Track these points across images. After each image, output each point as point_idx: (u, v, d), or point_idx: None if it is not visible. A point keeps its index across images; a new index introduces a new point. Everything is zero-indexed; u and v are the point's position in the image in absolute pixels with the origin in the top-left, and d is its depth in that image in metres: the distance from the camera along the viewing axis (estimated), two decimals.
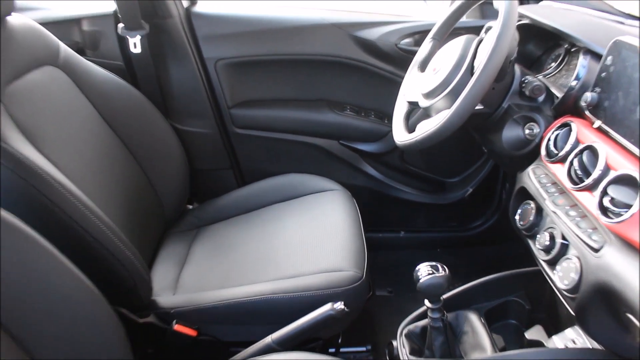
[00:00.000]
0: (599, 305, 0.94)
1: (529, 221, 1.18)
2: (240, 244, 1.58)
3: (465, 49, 1.23)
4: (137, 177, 1.58)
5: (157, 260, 1.60)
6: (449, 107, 1.14)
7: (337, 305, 1.20)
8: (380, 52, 1.87)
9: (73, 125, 1.38)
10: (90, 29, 1.81)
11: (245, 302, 1.32)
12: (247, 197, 1.79)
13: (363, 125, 1.97)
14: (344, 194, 1.71)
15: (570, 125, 1.12)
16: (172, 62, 1.84)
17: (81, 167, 1.33)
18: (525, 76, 1.23)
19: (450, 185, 2.12)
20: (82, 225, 1.13)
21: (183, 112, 1.90)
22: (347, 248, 1.45)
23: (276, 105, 1.97)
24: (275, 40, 1.88)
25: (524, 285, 1.45)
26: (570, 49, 1.33)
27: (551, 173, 1.14)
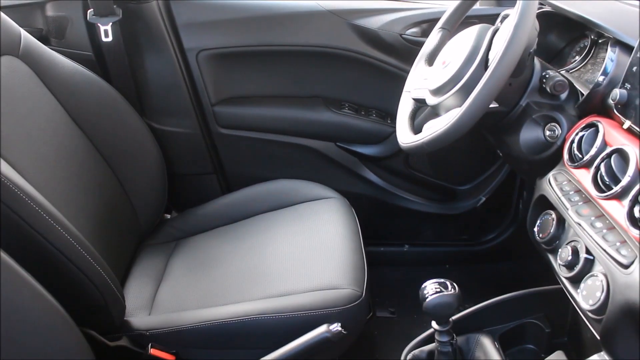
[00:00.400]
0: (628, 329, 0.94)
1: (550, 233, 1.18)
2: (224, 258, 1.58)
3: (479, 40, 1.24)
4: (109, 183, 1.57)
5: (131, 276, 1.59)
6: (459, 105, 1.14)
7: (334, 327, 1.20)
8: (383, 43, 1.88)
9: (35, 123, 1.38)
10: (55, 15, 1.80)
11: (230, 324, 1.31)
12: (233, 205, 1.79)
13: (363, 126, 1.97)
14: (342, 203, 1.71)
15: (596, 125, 1.12)
16: (148, 53, 1.83)
17: (45, 171, 1.32)
18: (546, 71, 1.24)
19: (461, 193, 2.13)
20: (46, 236, 1.12)
21: (160, 110, 1.90)
22: (345, 263, 1.45)
23: (265, 103, 1.98)
24: (264, 29, 1.88)
25: (543, 306, 1.45)
26: (597, 40, 1.33)
27: (575, 179, 1.14)
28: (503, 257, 2.16)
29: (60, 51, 1.59)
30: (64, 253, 1.15)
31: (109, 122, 1.61)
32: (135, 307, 1.46)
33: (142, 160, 1.70)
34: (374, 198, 2.09)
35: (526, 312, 1.46)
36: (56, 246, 1.14)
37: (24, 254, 0.97)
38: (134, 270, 1.61)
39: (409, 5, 1.90)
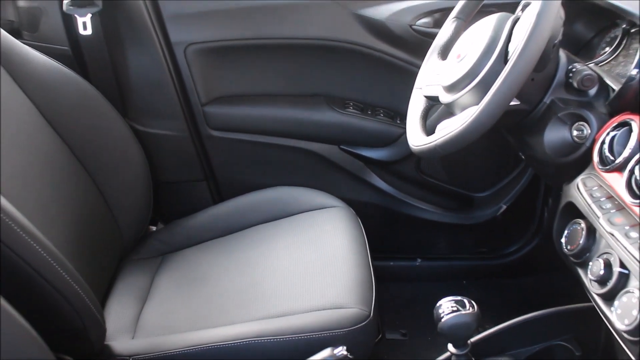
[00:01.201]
0: None
1: (579, 245, 1.17)
2: (216, 274, 1.59)
3: (497, 31, 1.24)
4: (88, 192, 1.58)
5: (113, 296, 1.59)
6: (476, 103, 1.14)
7: (339, 351, 1.20)
8: (391, 35, 1.88)
9: (6, 125, 1.37)
10: (27, 5, 1.81)
11: (222, 348, 1.31)
12: (226, 215, 1.80)
13: (369, 127, 1.98)
14: (346, 212, 1.71)
15: (629, 124, 1.12)
16: (131, 47, 1.84)
17: (17, 179, 1.33)
18: (572, 64, 1.24)
19: (479, 201, 2.13)
20: (18, 252, 1.12)
21: (145, 110, 1.90)
22: (351, 280, 1.45)
23: (261, 102, 1.98)
24: (260, 21, 1.89)
25: (572, 326, 1.45)
26: (629, 30, 1.34)
27: (606, 184, 1.14)
28: (527, 272, 2.16)
29: (33, 45, 1.60)
30: (38, 271, 1.14)
31: (88, 124, 1.61)
32: (117, 330, 1.45)
33: (125, 167, 1.70)
34: (382, 207, 2.09)
35: (553, 333, 1.45)
36: (29, 263, 1.13)
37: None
38: (116, 289, 1.61)
39: None
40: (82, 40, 1.76)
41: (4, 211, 1.11)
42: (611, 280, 1.05)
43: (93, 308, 1.26)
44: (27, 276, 1.14)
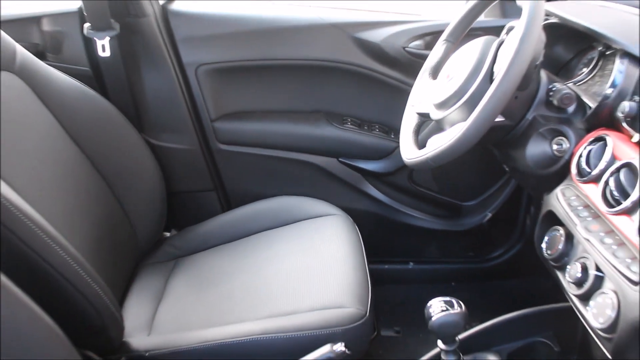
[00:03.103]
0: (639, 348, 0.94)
1: (558, 250, 1.18)
2: (225, 276, 1.58)
3: (484, 53, 1.24)
4: (107, 201, 1.58)
5: (130, 296, 1.59)
6: (464, 119, 1.14)
7: (337, 347, 1.20)
8: (386, 57, 1.89)
9: (32, 140, 1.38)
10: (51, 29, 1.82)
11: (231, 344, 1.32)
12: (233, 223, 1.80)
13: (366, 141, 1.98)
14: (345, 220, 1.71)
15: (605, 139, 1.12)
16: (146, 68, 1.85)
17: (41, 188, 1.33)
18: (552, 83, 1.24)
19: (467, 209, 2.13)
20: (43, 256, 1.13)
21: (159, 126, 1.91)
22: (349, 281, 1.45)
23: (266, 118, 1.98)
24: (265, 43, 1.89)
25: (552, 324, 1.45)
26: (605, 52, 1.34)
27: (583, 194, 1.15)
28: (510, 274, 2.16)
29: (56, 66, 1.60)
30: (62, 273, 1.15)
31: (107, 139, 1.62)
32: (134, 328, 1.46)
33: (141, 178, 1.70)
34: (378, 215, 2.09)
35: (535, 330, 1.45)
36: (53, 266, 1.14)
37: (21, 275, 0.97)
38: (133, 290, 1.62)
39: (412, 18, 1.91)
40: (102, 61, 1.77)
41: (31, 219, 1.12)
42: (587, 282, 1.05)
43: (112, 307, 1.26)
44: (51, 279, 1.14)
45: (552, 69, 1.47)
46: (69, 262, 1.17)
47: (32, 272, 1.12)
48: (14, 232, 1.09)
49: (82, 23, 1.77)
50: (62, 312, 1.02)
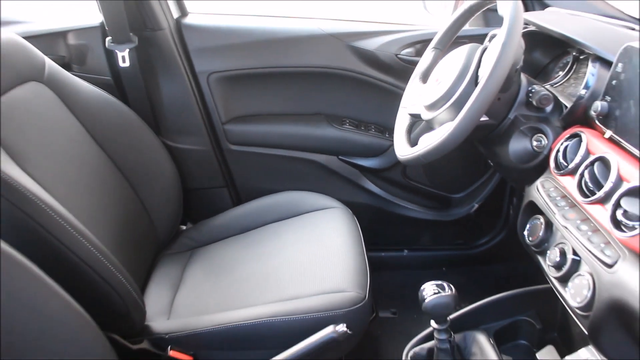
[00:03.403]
0: (613, 324, 0.94)
1: (539, 237, 1.18)
2: (236, 265, 1.59)
3: (469, 58, 1.24)
4: (128, 197, 1.58)
5: (150, 284, 1.60)
6: (452, 119, 1.14)
7: (340, 328, 1.20)
8: (380, 63, 1.89)
9: (59, 143, 1.39)
10: (76, 43, 1.82)
11: (243, 326, 1.32)
12: (243, 216, 1.80)
13: (363, 140, 1.98)
14: (345, 212, 1.71)
15: (580, 135, 1.13)
16: (163, 76, 1.85)
17: (69, 187, 1.33)
18: (532, 85, 1.24)
19: (456, 201, 2.13)
20: (72, 248, 1.13)
21: (175, 129, 1.91)
22: (349, 268, 1.45)
23: (272, 120, 1.98)
24: (270, 52, 1.89)
25: (534, 304, 1.45)
26: (578, 57, 1.34)
27: (561, 186, 1.15)
28: (496, 260, 2.16)
29: (81, 76, 1.60)
30: (88, 264, 1.16)
31: (128, 141, 1.62)
32: (155, 312, 1.46)
33: (159, 176, 1.71)
34: (375, 207, 2.09)
35: (518, 310, 1.46)
36: (81, 257, 1.15)
37: (52, 266, 0.98)
38: (153, 278, 1.62)
39: (403, 27, 1.91)
40: (122, 71, 1.78)
41: (60, 215, 1.13)
42: (565, 266, 1.06)
43: (135, 294, 1.27)
44: (79, 269, 1.15)
45: (531, 73, 1.47)
46: (95, 254, 1.17)
47: (62, 263, 1.13)
48: (45, 227, 1.10)
49: (104, 37, 1.77)
50: (89, 300, 1.02)
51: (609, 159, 1.01)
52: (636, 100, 0.99)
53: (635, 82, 1.00)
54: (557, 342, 1.43)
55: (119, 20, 1.70)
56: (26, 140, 1.26)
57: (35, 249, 1.07)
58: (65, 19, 1.85)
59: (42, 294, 0.91)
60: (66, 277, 1.02)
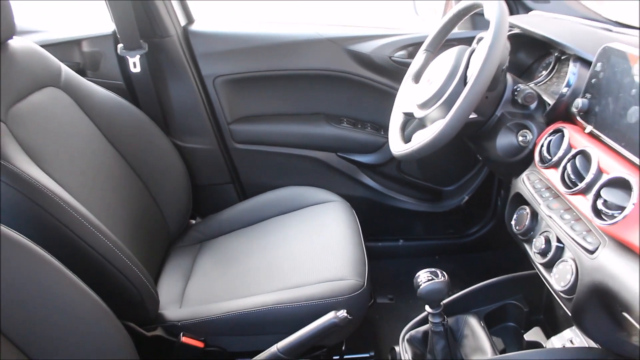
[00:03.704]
0: (595, 306, 0.94)
1: (525, 226, 1.19)
2: (243, 256, 1.59)
3: (458, 60, 1.24)
4: (141, 194, 1.59)
5: (163, 275, 1.60)
6: (443, 117, 1.15)
7: (340, 314, 1.20)
8: (375, 65, 1.89)
9: (76, 144, 1.39)
10: (90, 50, 1.83)
11: (250, 313, 1.32)
12: (249, 210, 1.80)
13: (360, 137, 1.98)
14: (343, 205, 1.71)
15: (562, 131, 1.13)
16: (172, 80, 1.85)
17: (85, 185, 1.34)
18: (517, 84, 1.25)
19: (447, 193, 2.13)
20: (89, 242, 1.14)
21: (183, 129, 1.91)
22: (348, 257, 1.46)
23: (274, 120, 1.98)
24: (271, 56, 1.89)
25: (521, 289, 1.46)
26: (560, 57, 1.34)
27: (545, 178, 1.15)
28: (485, 248, 2.16)
29: (95, 82, 1.60)
30: (105, 256, 1.16)
31: (140, 142, 1.62)
32: (168, 301, 1.47)
33: (169, 174, 1.71)
34: (372, 200, 2.09)
35: (507, 294, 1.46)
36: (98, 251, 1.15)
37: (71, 259, 0.99)
38: (166, 269, 1.62)
39: (396, 32, 1.91)
40: (133, 76, 1.78)
41: (78, 212, 1.14)
42: (550, 252, 1.06)
43: (148, 284, 1.27)
44: (96, 261, 1.16)
45: (516, 72, 1.47)
46: (111, 248, 1.18)
47: (81, 257, 1.14)
48: (65, 224, 1.10)
49: (116, 44, 1.78)
50: (106, 290, 1.03)
51: (589, 152, 1.02)
52: (614, 97, 1.00)
53: (613, 80, 1.01)
54: (543, 323, 1.43)
55: (129, 28, 1.70)
56: (45, 142, 1.27)
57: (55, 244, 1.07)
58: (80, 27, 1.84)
59: (62, 286, 0.92)
60: (85, 269, 1.02)
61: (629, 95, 0.95)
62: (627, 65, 0.97)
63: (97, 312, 0.98)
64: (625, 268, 0.86)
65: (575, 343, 1.23)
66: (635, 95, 0.94)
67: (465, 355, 1.33)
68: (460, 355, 1.33)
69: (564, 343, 1.25)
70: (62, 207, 1.10)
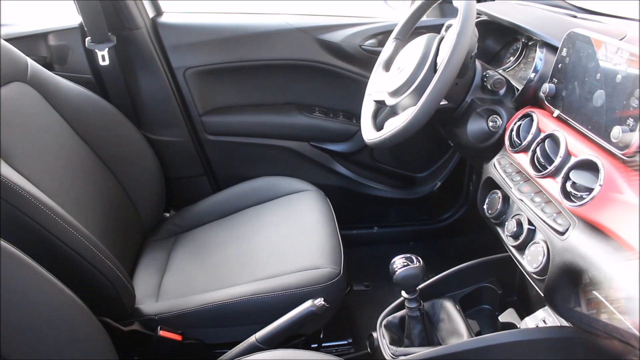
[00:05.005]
0: (566, 285, 0.96)
1: (497, 210, 1.20)
2: (219, 248, 1.58)
3: (428, 47, 1.25)
4: (113, 189, 1.57)
5: (138, 269, 1.59)
6: (414, 104, 1.15)
7: (318, 302, 1.21)
8: (345, 54, 1.89)
9: (45, 140, 1.37)
10: (57, 43, 1.79)
11: (227, 304, 1.32)
12: (223, 202, 1.80)
13: (332, 126, 1.98)
14: (318, 194, 1.72)
15: (531, 115, 1.14)
16: (142, 73, 1.82)
17: (56, 180, 1.32)
18: (486, 71, 1.26)
19: (420, 179, 2.15)
20: (61, 238, 1.12)
21: (155, 122, 1.89)
22: (324, 246, 1.46)
23: (246, 111, 1.97)
24: (241, 47, 1.88)
25: (495, 272, 1.47)
26: (527, 43, 1.36)
27: (515, 162, 1.17)
28: (459, 232, 2.19)
29: (63, 75, 1.58)
30: (78, 252, 1.15)
31: (110, 136, 1.60)
32: (144, 295, 1.46)
33: (141, 167, 1.69)
34: (345, 188, 2.10)
35: (481, 277, 1.47)
36: (70, 246, 1.14)
37: (43, 256, 0.97)
38: (141, 264, 1.61)
39: (366, 20, 1.91)
40: (102, 69, 1.75)
41: (49, 208, 1.12)
42: (522, 235, 1.08)
43: (123, 279, 1.26)
44: (70, 257, 1.14)
45: (485, 59, 1.49)
46: (84, 243, 1.17)
47: (54, 253, 1.12)
48: (36, 220, 1.09)
49: (83, 37, 1.74)
50: (81, 286, 1.02)
51: (558, 136, 1.03)
52: (580, 81, 1.01)
53: (579, 65, 1.02)
54: (517, 305, 1.45)
55: (97, 20, 1.67)
56: (13, 138, 1.24)
57: (27, 240, 1.06)
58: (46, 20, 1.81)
59: (35, 283, 0.90)
60: (58, 265, 1.01)
61: (594, 80, 0.97)
62: (591, 50, 0.99)
63: (71, 308, 0.96)
64: (595, 248, 0.88)
65: (548, 322, 1.25)
66: (600, 79, 0.96)
67: (441, 339, 1.35)
68: (437, 338, 1.35)
69: (537, 323, 1.27)
70: (32, 203, 1.09)
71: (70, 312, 0.96)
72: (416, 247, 2.21)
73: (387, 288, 1.97)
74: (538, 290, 1.05)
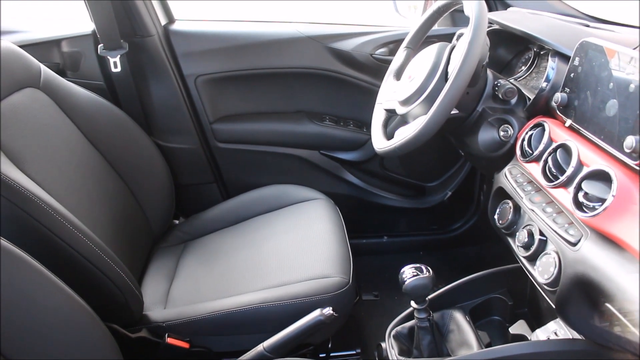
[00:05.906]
0: (578, 297, 0.95)
1: (508, 220, 1.19)
2: (228, 255, 1.58)
3: (439, 56, 1.24)
4: (123, 195, 1.57)
5: (147, 276, 1.59)
6: (425, 113, 1.15)
7: (326, 311, 1.20)
8: (356, 63, 1.89)
9: (57, 146, 1.37)
10: (70, 50, 1.80)
11: (235, 313, 1.32)
12: (233, 209, 1.79)
13: (342, 135, 1.98)
14: (327, 203, 1.71)
15: (543, 125, 1.14)
16: (153, 80, 1.83)
17: (67, 186, 1.32)
18: (497, 80, 1.25)
19: (430, 189, 2.14)
20: (71, 244, 1.13)
21: (165, 129, 1.90)
22: (333, 255, 1.46)
23: (256, 119, 1.98)
24: (253, 55, 1.89)
25: (505, 282, 1.46)
26: (539, 52, 1.35)
27: (527, 172, 1.16)
28: (469, 242, 2.17)
29: (75, 82, 1.59)
30: (87, 258, 1.15)
31: (121, 142, 1.61)
32: (152, 302, 1.46)
33: (151, 174, 1.70)
34: (355, 197, 2.09)
35: (491, 288, 1.47)
36: (80, 252, 1.14)
37: (53, 262, 0.98)
38: (149, 270, 1.61)
39: (377, 29, 1.91)
40: (114, 76, 1.76)
41: (60, 213, 1.12)
42: (533, 246, 1.07)
43: (132, 286, 1.26)
44: (79, 264, 1.14)
45: (496, 68, 1.48)
46: (93, 249, 1.17)
47: (63, 259, 1.12)
48: (46, 225, 1.09)
49: (96, 44, 1.76)
50: (89, 292, 1.02)
51: (570, 145, 1.02)
52: (592, 90, 1.00)
53: (591, 74, 1.01)
54: (528, 316, 1.44)
55: (109, 27, 1.68)
56: (25, 143, 1.25)
57: (36, 245, 1.07)
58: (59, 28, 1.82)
59: (43, 288, 0.90)
60: (67, 271, 1.01)
61: (607, 89, 0.96)
62: (604, 59, 0.98)
63: (79, 314, 0.96)
64: (607, 259, 0.87)
65: (560, 335, 1.24)
66: (613, 88, 0.95)
67: (451, 350, 1.34)
68: (447, 349, 1.34)
69: (549, 335, 1.26)
70: (44, 209, 1.09)
71: (77, 318, 0.96)
72: (426, 257, 2.19)
73: (396, 298, 1.96)
74: (549, 301, 1.04)
